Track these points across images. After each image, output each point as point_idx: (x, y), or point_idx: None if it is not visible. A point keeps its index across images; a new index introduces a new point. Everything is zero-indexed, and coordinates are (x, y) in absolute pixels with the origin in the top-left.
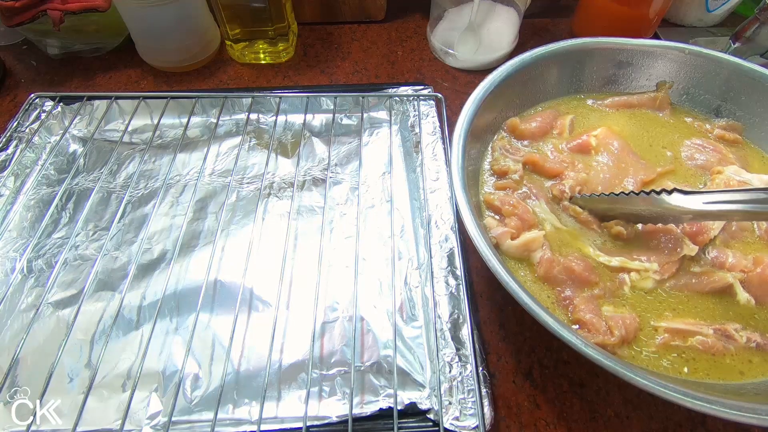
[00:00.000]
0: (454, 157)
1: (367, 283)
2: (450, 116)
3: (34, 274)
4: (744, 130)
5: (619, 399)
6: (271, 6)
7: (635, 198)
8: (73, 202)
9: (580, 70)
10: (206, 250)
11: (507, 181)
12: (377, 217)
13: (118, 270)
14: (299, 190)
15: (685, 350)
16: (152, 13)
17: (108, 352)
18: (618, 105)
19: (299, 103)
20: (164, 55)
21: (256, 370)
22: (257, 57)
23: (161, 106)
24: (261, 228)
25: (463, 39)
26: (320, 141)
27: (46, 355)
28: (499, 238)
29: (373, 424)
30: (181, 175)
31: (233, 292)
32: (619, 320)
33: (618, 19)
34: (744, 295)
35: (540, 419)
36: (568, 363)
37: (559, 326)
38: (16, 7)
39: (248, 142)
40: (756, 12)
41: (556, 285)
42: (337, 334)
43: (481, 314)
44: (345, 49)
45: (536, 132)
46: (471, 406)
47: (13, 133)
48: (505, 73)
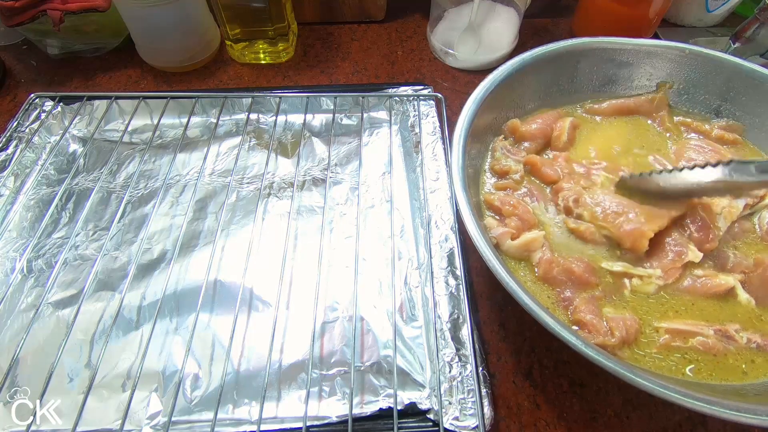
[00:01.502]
0: (454, 157)
1: (367, 283)
2: (450, 116)
3: (34, 274)
4: (744, 130)
5: (619, 399)
6: (271, 6)
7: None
8: (73, 202)
9: (580, 70)
10: (206, 250)
11: (507, 182)
12: (377, 217)
13: (118, 270)
14: (299, 190)
15: (686, 351)
16: (152, 13)
17: (108, 352)
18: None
19: (299, 103)
20: (164, 55)
21: (256, 370)
22: (257, 57)
23: (161, 106)
24: (261, 228)
25: (463, 39)
26: (320, 141)
27: (46, 355)
28: (499, 238)
29: (373, 424)
30: (181, 175)
31: (233, 292)
32: (620, 321)
33: (618, 19)
34: (745, 296)
35: (540, 419)
36: (568, 363)
37: (559, 326)
38: (16, 7)
39: (248, 142)
40: (756, 12)
41: (556, 285)
42: (337, 334)
43: (481, 314)
44: (345, 49)
45: (537, 133)
46: (471, 406)
47: (13, 133)
48: (505, 73)
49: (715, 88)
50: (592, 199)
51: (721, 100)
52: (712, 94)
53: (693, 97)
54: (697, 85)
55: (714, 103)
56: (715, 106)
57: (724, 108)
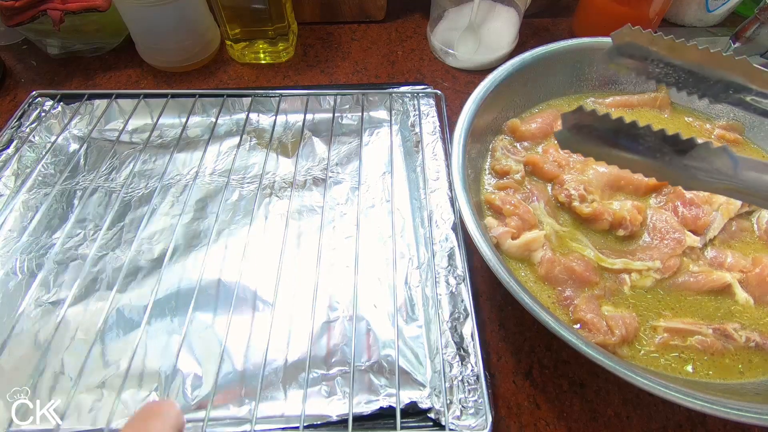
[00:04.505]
0: (454, 157)
1: (368, 283)
2: (450, 116)
3: (35, 273)
4: (744, 130)
5: (619, 399)
6: (271, 6)
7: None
8: (73, 202)
9: (580, 70)
10: (206, 250)
11: (508, 181)
12: (377, 217)
13: (118, 269)
14: (300, 190)
15: (685, 350)
16: (152, 13)
17: (108, 351)
18: (618, 104)
19: (299, 102)
20: (164, 55)
21: (256, 369)
22: (257, 57)
23: (161, 105)
24: (261, 228)
25: (463, 39)
26: (320, 141)
27: (46, 354)
28: (500, 237)
29: (373, 424)
30: (182, 174)
31: (234, 292)
32: (619, 320)
33: (618, 19)
34: (743, 295)
35: (540, 419)
36: (568, 363)
37: (560, 326)
38: (16, 7)
39: (248, 142)
40: (756, 12)
41: (557, 285)
42: (338, 334)
43: (481, 314)
44: (345, 49)
45: (537, 133)
46: (471, 405)
47: (13, 133)
48: (505, 73)
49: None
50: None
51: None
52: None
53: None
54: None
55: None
56: (716, 105)
57: (725, 107)
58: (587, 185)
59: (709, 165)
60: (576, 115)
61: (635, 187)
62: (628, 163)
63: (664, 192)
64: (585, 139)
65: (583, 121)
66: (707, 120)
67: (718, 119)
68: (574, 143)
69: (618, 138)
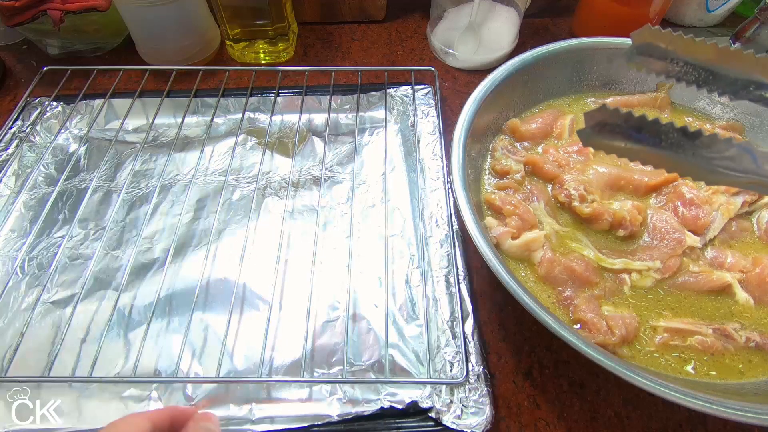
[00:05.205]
0: (454, 157)
1: (368, 283)
2: (450, 116)
3: (35, 273)
4: (744, 130)
5: (619, 399)
6: (271, 6)
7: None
8: (73, 201)
9: (580, 70)
10: (206, 249)
11: (508, 182)
12: (377, 217)
13: (117, 269)
14: (299, 189)
15: (685, 350)
16: (152, 13)
17: (108, 351)
18: (618, 105)
19: (299, 102)
20: (164, 55)
21: (256, 368)
22: (257, 57)
23: (161, 105)
24: (261, 227)
25: (463, 39)
26: (320, 140)
27: (46, 354)
28: (500, 237)
29: (374, 424)
30: (181, 174)
31: (234, 291)
32: (619, 320)
33: (618, 19)
34: (743, 295)
35: (540, 419)
36: (568, 363)
37: (560, 326)
38: (16, 7)
39: (248, 141)
40: (756, 12)
41: (557, 285)
42: (338, 333)
43: (481, 314)
44: (345, 49)
45: (537, 133)
46: (472, 404)
47: (13, 133)
48: (505, 73)
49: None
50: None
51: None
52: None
53: (694, 96)
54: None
55: (715, 102)
56: (716, 105)
57: (725, 108)
58: (587, 185)
59: (731, 161)
60: (600, 113)
61: (635, 187)
62: (651, 159)
63: (664, 192)
64: (608, 136)
65: (607, 119)
66: (707, 120)
67: (718, 119)
68: (597, 141)
69: (641, 134)
